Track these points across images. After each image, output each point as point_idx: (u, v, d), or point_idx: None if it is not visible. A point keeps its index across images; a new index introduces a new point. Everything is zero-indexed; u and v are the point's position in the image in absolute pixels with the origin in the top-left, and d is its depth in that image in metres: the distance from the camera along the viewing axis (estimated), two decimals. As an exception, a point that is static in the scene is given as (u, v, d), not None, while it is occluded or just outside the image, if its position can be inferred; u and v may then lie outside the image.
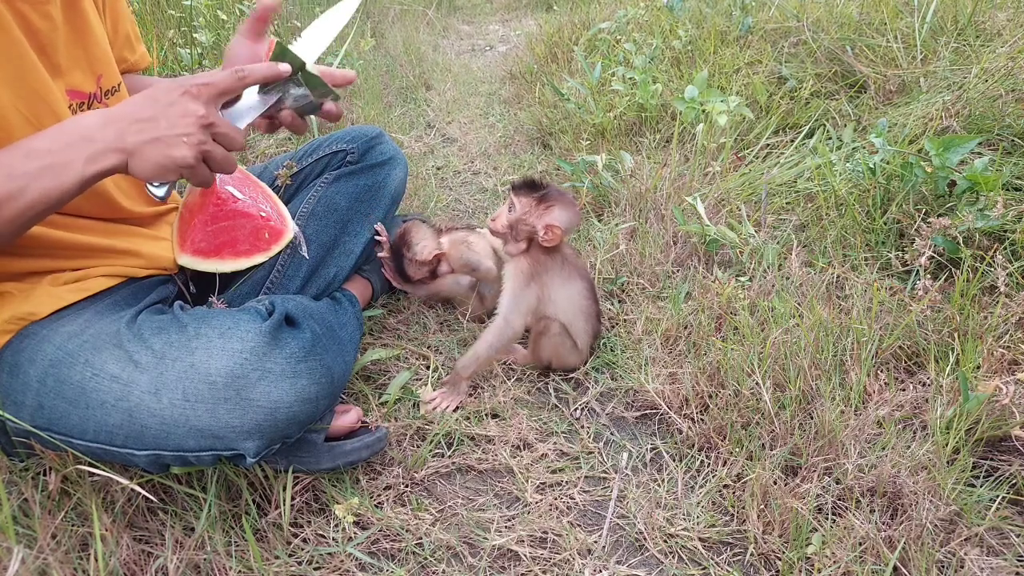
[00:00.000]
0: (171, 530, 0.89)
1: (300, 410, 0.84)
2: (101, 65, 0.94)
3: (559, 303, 1.20)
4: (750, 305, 1.24)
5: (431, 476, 1.07)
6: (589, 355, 1.28)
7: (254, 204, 1.11)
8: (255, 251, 1.10)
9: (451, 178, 2.16)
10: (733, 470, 1.02)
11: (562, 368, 1.27)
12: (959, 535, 0.89)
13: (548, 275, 1.19)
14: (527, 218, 1.17)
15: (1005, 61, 1.67)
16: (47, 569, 0.77)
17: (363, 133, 1.32)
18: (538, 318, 1.21)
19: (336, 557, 0.92)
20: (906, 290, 1.26)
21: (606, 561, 0.92)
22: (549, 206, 1.16)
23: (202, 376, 0.80)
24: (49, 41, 0.85)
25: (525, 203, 1.17)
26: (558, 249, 1.20)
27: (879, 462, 0.95)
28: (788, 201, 1.64)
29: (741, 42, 2.30)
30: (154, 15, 2.18)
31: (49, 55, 0.85)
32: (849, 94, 1.95)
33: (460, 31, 4.45)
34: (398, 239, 1.38)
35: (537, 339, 1.23)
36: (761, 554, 0.92)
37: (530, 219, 1.17)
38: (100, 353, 0.83)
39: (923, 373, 1.13)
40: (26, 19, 0.81)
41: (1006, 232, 1.28)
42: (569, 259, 1.23)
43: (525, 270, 1.19)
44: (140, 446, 0.82)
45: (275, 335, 0.85)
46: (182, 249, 1.05)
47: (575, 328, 1.21)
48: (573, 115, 2.19)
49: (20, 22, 0.81)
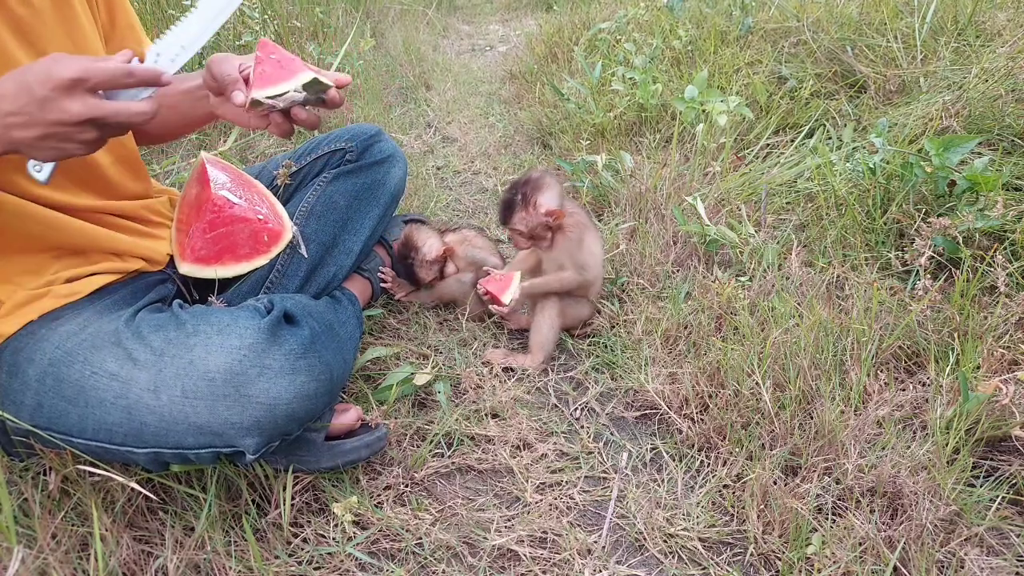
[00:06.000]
0: (171, 530, 0.89)
1: (299, 407, 0.84)
2: (88, 56, 0.93)
3: (597, 255, 1.32)
4: (750, 305, 1.24)
5: (431, 476, 1.07)
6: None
7: (251, 207, 1.11)
8: (255, 254, 1.10)
9: (451, 178, 2.16)
10: (733, 470, 1.02)
11: (578, 323, 1.37)
12: (959, 535, 0.89)
13: (588, 231, 1.31)
14: (531, 223, 1.25)
15: (1005, 61, 1.67)
16: (47, 569, 0.77)
17: (362, 131, 1.32)
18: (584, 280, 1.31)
19: (336, 557, 0.92)
20: (906, 290, 1.26)
21: (606, 561, 0.92)
22: (534, 201, 1.24)
23: (201, 373, 0.80)
24: (32, 29, 0.84)
25: (520, 218, 1.25)
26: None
27: (879, 462, 0.95)
28: (788, 201, 1.64)
29: (741, 42, 2.30)
30: (154, 15, 2.18)
31: (33, 43, 0.84)
32: (849, 94, 1.95)
33: (460, 31, 4.45)
34: (402, 246, 1.39)
35: (571, 304, 1.34)
36: (761, 554, 0.92)
37: (534, 222, 1.24)
38: (99, 351, 0.83)
39: (923, 373, 1.13)
40: (5, 7, 0.80)
41: (1006, 232, 1.28)
42: (578, 214, 1.31)
43: (572, 236, 1.28)
44: (140, 444, 0.82)
45: (274, 332, 0.84)
46: (183, 258, 1.06)
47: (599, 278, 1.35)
48: (573, 115, 2.19)
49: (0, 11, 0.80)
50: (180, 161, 1.70)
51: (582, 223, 1.29)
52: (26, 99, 0.68)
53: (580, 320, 1.37)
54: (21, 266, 0.89)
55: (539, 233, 1.26)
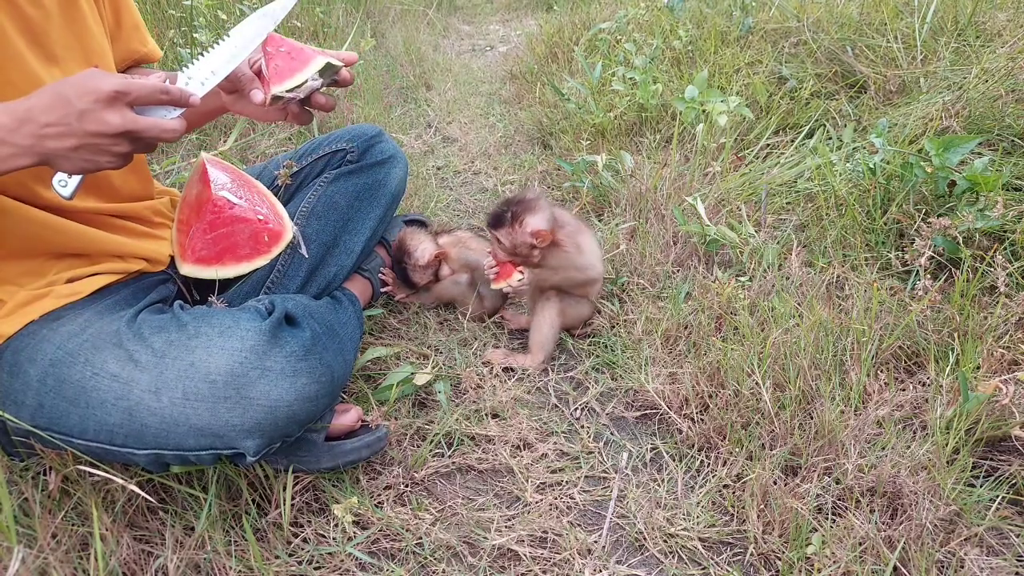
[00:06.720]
0: (171, 530, 0.89)
1: (300, 408, 0.84)
2: (96, 57, 0.93)
3: (596, 252, 1.32)
4: (750, 305, 1.24)
5: (431, 476, 1.07)
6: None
7: (251, 208, 1.11)
8: (256, 255, 1.11)
9: (451, 178, 2.17)
10: (733, 470, 1.02)
11: (578, 323, 1.37)
12: (959, 535, 0.89)
13: (581, 235, 1.30)
14: (515, 240, 1.22)
15: (1005, 61, 1.67)
16: (47, 569, 0.78)
17: (363, 132, 1.32)
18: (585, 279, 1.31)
19: (336, 557, 0.92)
20: (906, 290, 1.26)
21: (606, 561, 0.92)
22: (522, 221, 1.20)
23: (202, 375, 0.80)
24: (42, 30, 0.84)
25: (504, 232, 1.22)
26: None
27: (879, 462, 0.95)
28: (788, 201, 1.64)
29: (741, 42, 2.30)
30: (154, 15, 2.17)
31: (43, 43, 0.85)
32: (849, 94, 1.95)
33: (460, 31, 4.45)
34: (396, 250, 1.40)
35: (572, 304, 1.34)
36: (761, 554, 0.92)
37: (518, 239, 1.22)
38: (100, 352, 0.83)
39: (923, 373, 1.13)
40: (16, 6, 0.81)
41: (1006, 232, 1.28)
42: (570, 225, 1.29)
43: (570, 249, 1.26)
44: (140, 445, 0.82)
45: (275, 334, 0.85)
46: (184, 259, 1.06)
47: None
48: (573, 115, 2.19)
49: (10, 10, 0.80)
50: (180, 161, 1.70)
51: (575, 231, 1.27)
52: (65, 110, 0.70)
53: (580, 320, 1.37)
54: (23, 267, 0.89)
55: (522, 251, 1.23)
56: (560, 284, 1.30)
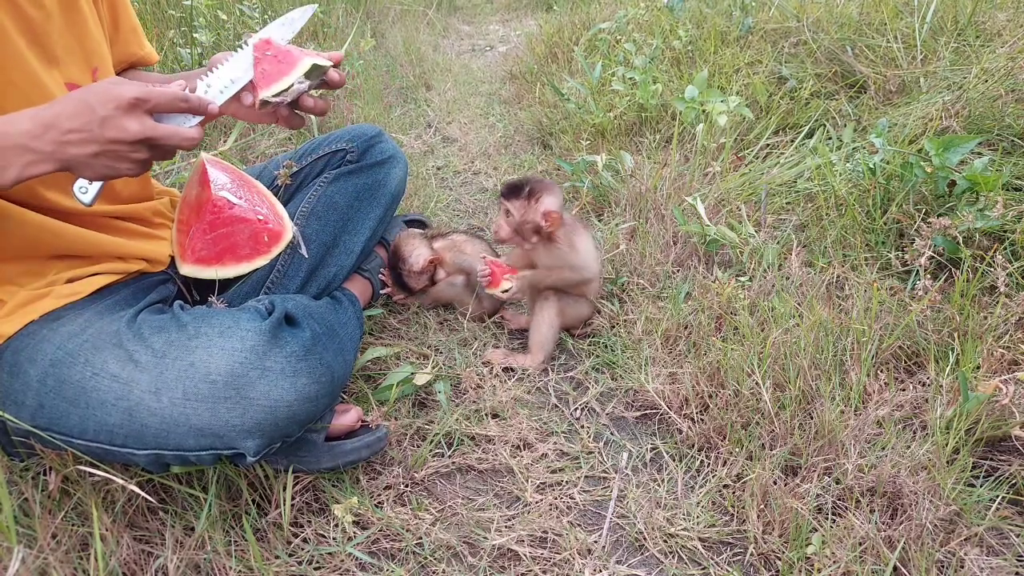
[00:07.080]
0: (171, 530, 0.89)
1: (300, 409, 0.84)
2: (96, 59, 0.93)
3: (592, 252, 1.32)
4: (750, 305, 1.24)
5: (431, 476, 1.07)
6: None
7: (251, 208, 1.11)
8: (256, 255, 1.11)
9: (451, 178, 2.17)
10: (733, 470, 1.02)
11: (578, 323, 1.37)
12: (959, 535, 0.89)
13: (577, 235, 1.30)
14: (526, 216, 1.22)
15: (1005, 61, 1.67)
16: (47, 569, 0.78)
17: (363, 132, 1.32)
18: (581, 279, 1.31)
19: (336, 557, 0.92)
20: (906, 290, 1.26)
21: (606, 561, 0.92)
22: (538, 198, 1.22)
23: (202, 375, 0.80)
24: (44, 31, 0.84)
25: (518, 205, 1.23)
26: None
27: (879, 462, 0.95)
28: (788, 201, 1.64)
29: (741, 42, 2.30)
30: (154, 15, 2.17)
31: (44, 44, 0.85)
32: (849, 94, 1.95)
33: (460, 31, 4.45)
34: (391, 256, 1.41)
35: (571, 304, 1.34)
36: (761, 554, 0.92)
37: (528, 216, 1.22)
38: (100, 352, 0.83)
39: (923, 373, 1.13)
40: (17, 7, 0.81)
41: (1006, 232, 1.28)
42: (568, 223, 1.29)
43: (562, 244, 1.26)
44: (140, 445, 0.82)
45: (275, 334, 0.85)
46: (184, 259, 1.06)
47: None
48: (573, 115, 2.19)
49: (11, 11, 0.80)
50: (180, 161, 1.70)
51: (570, 228, 1.28)
52: (87, 117, 0.71)
53: (580, 320, 1.37)
54: (23, 267, 0.89)
55: (526, 230, 1.24)
56: (555, 284, 1.30)
